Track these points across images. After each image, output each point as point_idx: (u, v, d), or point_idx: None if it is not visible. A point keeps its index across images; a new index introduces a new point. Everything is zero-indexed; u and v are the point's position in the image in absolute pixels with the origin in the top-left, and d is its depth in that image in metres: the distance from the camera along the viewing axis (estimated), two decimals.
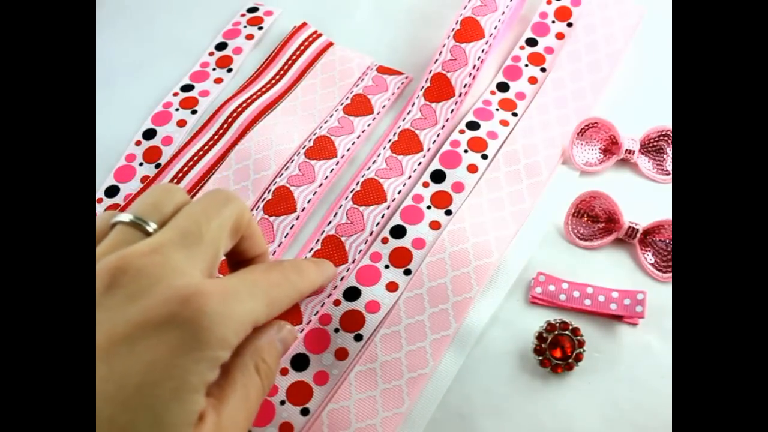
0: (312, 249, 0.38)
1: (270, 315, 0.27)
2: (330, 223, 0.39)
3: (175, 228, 0.26)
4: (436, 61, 0.43)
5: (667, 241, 0.37)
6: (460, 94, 0.42)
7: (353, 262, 0.38)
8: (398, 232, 0.38)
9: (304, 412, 0.33)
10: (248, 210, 0.29)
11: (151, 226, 0.26)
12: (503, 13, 0.43)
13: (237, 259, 0.30)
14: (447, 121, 0.42)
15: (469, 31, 0.43)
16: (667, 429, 0.32)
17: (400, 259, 0.37)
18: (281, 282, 0.29)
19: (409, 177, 0.40)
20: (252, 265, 0.30)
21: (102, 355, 0.22)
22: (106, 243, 0.25)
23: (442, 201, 0.39)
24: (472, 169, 0.40)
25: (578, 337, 0.34)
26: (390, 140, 0.42)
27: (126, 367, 0.22)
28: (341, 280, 0.37)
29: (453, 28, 0.43)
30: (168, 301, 0.23)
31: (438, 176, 0.40)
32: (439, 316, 0.35)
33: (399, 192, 0.40)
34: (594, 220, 0.38)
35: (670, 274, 0.36)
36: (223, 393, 0.26)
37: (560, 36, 0.46)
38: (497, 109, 0.43)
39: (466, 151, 0.41)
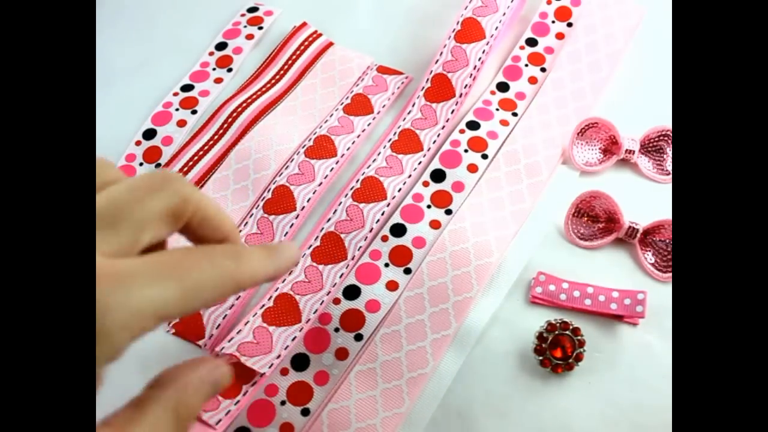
0: (311, 246, 0.38)
1: (189, 306, 0.23)
2: (329, 219, 0.39)
3: None
4: (437, 61, 0.43)
5: (667, 241, 0.37)
6: (461, 95, 0.42)
7: (353, 259, 0.38)
8: (398, 230, 0.38)
9: (305, 412, 0.33)
10: (196, 194, 0.25)
11: None
12: (504, 14, 0.43)
13: None
14: (447, 121, 0.42)
15: (469, 31, 0.43)
16: (667, 429, 0.32)
17: (400, 257, 0.37)
18: (205, 267, 0.23)
19: (409, 176, 0.40)
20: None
21: None
22: None
23: (442, 200, 0.39)
24: (472, 168, 0.40)
25: (578, 337, 0.34)
26: (390, 139, 0.42)
27: None
28: (340, 277, 0.37)
29: (454, 29, 0.43)
30: None
31: (438, 176, 0.40)
32: (439, 316, 0.35)
33: (399, 190, 0.40)
34: (594, 220, 0.38)
35: (670, 274, 0.36)
36: (127, 426, 0.22)
37: (560, 36, 0.46)
38: (497, 109, 0.43)
39: (466, 151, 0.41)
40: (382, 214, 0.39)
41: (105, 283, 0.20)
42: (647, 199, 0.39)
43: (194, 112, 0.45)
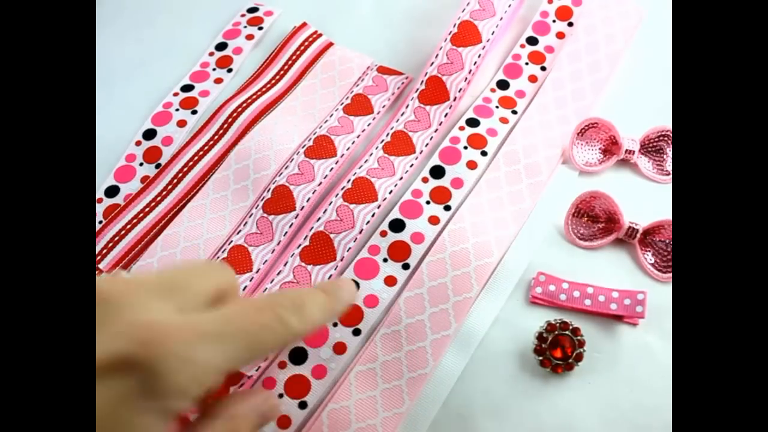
0: (300, 245, 0.38)
1: (252, 359, 0.24)
2: (319, 219, 0.39)
3: (157, 274, 0.24)
4: (432, 63, 0.43)
5: (667, 241, 0.37)
6: (455, 98, 0.42)
7: (341, 260, 0.38)
8: (397, 225, 0.38)
9: (302, 405, 0.33)
10: (238, 288, 0.26)
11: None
12: (501, 18, 0.43)
13: None
14: (440, 124, 0.42)
15: (466, 35, 0.43)
16: (667, 429, 0.32)
17: (399, 253, 0.37)
18: (273, 325, 0.24)
19: (401, 178, 0.40)
20: (244, 298, 0.26)
21: None
22: None
23: (441, 196, 0.39)
24: (472, 165, 0.40)
25: (578, 337, 0.34)
26: (383, 141, 0.42)
27: None
28: (329, 279, 0.37)
29: (450, 32, 0.43)
30: (121, 337, 0.20)
31: (437, 172, 0.40)
32: (439, 316, 0.35)
33: (390, 192, 0.40)
34: (594, 220, 0.38)
35: (670, 274, 0.36)
36: None
37: (561, 35, 0.46)
38: (497, 107, 0.43)
39: (465, 148, 0.41)
40: (372, 215, 0.39)
41: (181, 342, 0.21)
42: (647, 199, 0.39)
43: (194, 112, 0.45)
